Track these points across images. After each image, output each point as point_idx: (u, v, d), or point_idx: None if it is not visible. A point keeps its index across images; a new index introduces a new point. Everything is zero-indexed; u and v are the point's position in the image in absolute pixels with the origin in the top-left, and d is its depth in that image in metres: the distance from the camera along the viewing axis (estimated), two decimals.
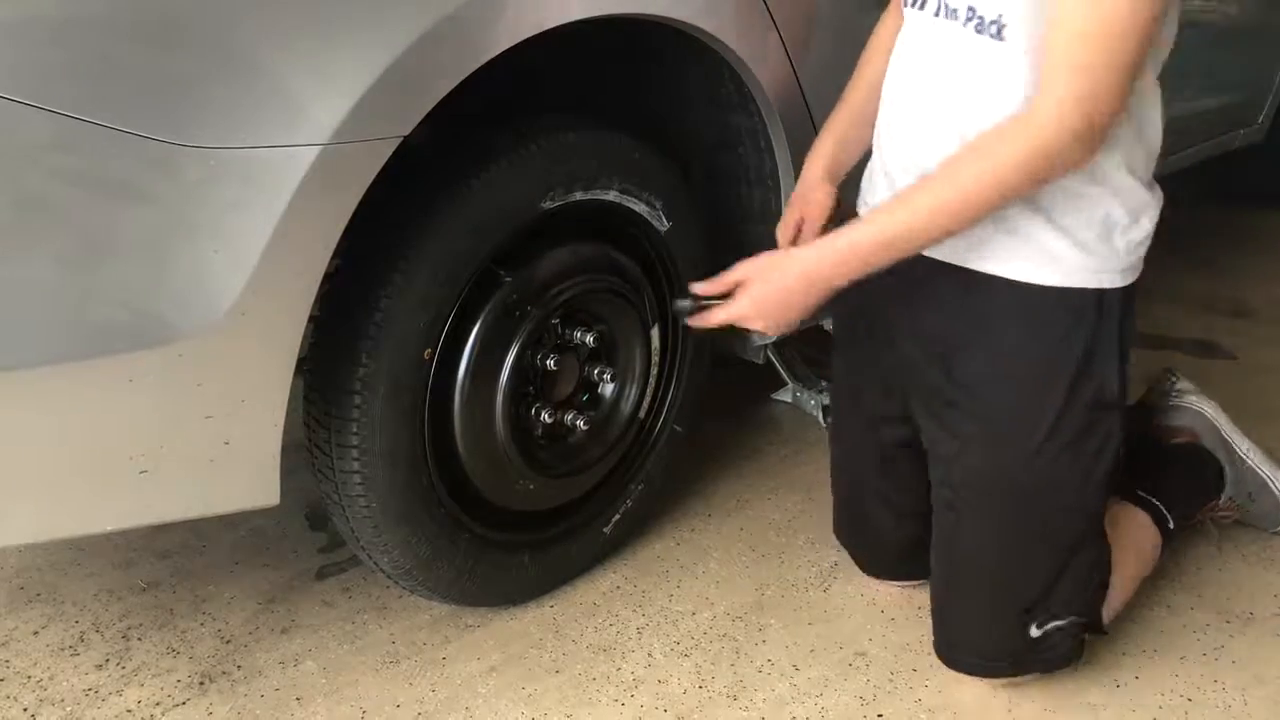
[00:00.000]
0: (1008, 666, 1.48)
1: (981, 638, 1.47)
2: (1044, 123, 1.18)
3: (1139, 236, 1.35)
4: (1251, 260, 3.17)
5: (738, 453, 2.09)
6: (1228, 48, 2.75)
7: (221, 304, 1.12)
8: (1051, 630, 1.45)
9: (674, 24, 1.44)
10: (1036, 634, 1.44)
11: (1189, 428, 1.83)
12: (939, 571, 1.50)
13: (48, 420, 1.11)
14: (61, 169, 1.03)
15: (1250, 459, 1.81)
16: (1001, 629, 1.45)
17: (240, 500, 1.27)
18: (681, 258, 1.67)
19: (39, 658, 1.54)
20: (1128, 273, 1.35)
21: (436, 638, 1.59)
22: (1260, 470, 1.81)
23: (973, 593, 1.47)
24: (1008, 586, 1.44)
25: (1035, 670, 1.48)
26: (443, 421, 1.46)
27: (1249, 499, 1.81)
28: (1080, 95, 1.17)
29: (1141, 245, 1.36)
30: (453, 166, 1.38)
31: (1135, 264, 1.36)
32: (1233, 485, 1.80)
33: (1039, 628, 1.44)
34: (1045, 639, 1.45)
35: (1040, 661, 1.47)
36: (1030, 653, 1.46)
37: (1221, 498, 1.80)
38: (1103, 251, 1.32)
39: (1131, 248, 1.34)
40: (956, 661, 1.50)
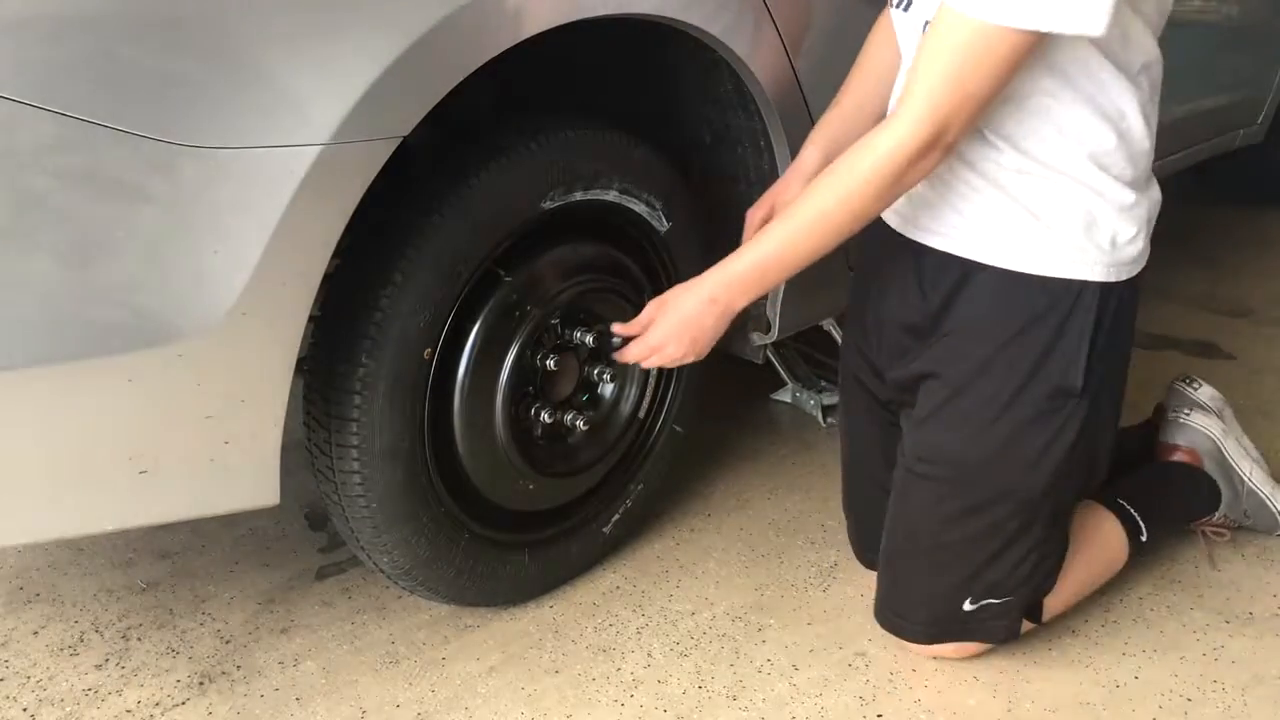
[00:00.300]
0: (938, 634, 1.52)
1: (915, 604, 1.53)
2: (898, 135, 1.23)
3: (1126, 235, 1.36)
4: (1251, 260, 3.17)
5: (737, 453, 2.09)
6: (1227, 48, 2.75)
7: (221, 304, 1.12)
8: (986, 606, 1.48)
9: (673, 24, 1.44)
10: (970, 608, 1.49)
11: (1190, 447, 1.82)
12: (886, 536, 1.54)
13: (47, 420, 1.11)
14: (61, 169, 1.03)
15: (1251, 480, 1.81)
16: (936, 598, 1.50)
17: (240, 500, 1.27)
18: (681, 257, 1.67)
19: (38, 658, 1.54)
20: (1114, 269, 1.36)
21: (436, 638, 1.59)
22: (1259, 491, 1.81)
23: (912, 559, 1.52)
24: (945, 558, 1.48)
25: (964, 640, 1.52)
26: (442, 421, 1.46)
27: (1245, 516, 1.82)
28: (929, 113, 1.22)
29: (1131, 244, 1.37)
30: (452, 166, 1.38)
31: (1123, 261, 1.37)
32: (1229, 506, 1.81)
33: (973, 602, 1.48)
34: (978, 613, 1.49)
35: (970, 633, 1.51)
36: (961, 624, 1.50)
37: (1215, 515, 1.81)
38: (1083, 244, 1.34)
39: (1117, 245, 1.36)
40: (889, 622, 1.56)
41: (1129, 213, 1.36)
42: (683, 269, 1.66)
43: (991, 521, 1.45)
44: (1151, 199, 1.40)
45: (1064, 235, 1.34)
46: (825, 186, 1.30)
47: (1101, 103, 1.29)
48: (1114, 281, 1.37)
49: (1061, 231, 1.34)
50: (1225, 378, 2.25)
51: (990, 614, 1.49)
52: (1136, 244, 1.38)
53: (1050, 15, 1.15)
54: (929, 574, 1.51)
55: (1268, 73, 2.97)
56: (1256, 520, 1.82)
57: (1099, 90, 1.29)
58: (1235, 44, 2.79)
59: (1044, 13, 1.15)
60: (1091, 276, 1.36)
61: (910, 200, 1.41)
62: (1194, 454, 1.81)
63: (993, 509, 1.44)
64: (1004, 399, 1.40)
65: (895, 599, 1.55)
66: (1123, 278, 1.38)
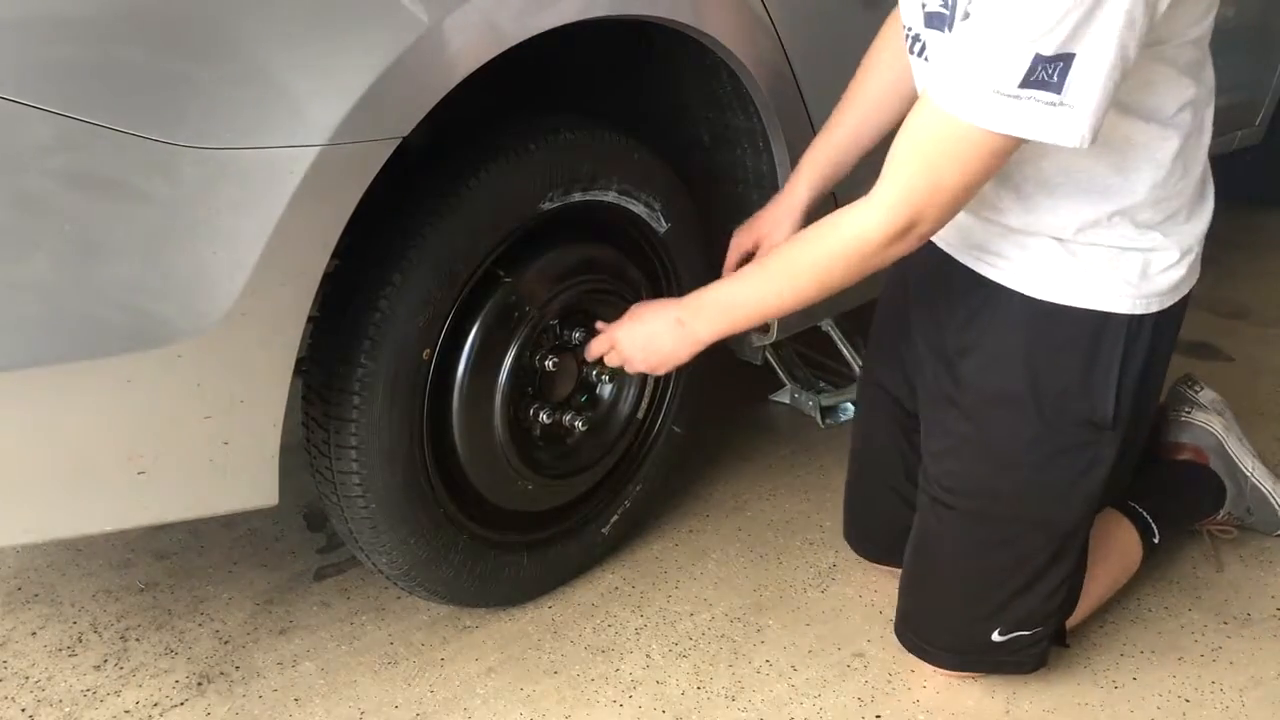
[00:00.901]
0: (964, 663, 1.51)
1: (941, 630, 1.51)
2: (869, 220, 1.21)
3: (1159, 266, 1.32)
4: (1249, 261, 3.17)
5: (736, 454, 2.09)
6: (1225, 49, 2.74)
7: (220, 304, 1.12)
8: (1015, 638, 1.46)
9: (672, 25, 1.44)
10: (999, 639, 1.46)
11: (1195, 446, 1.82)
12: (911, 561, 1.53)
13: (46, 420, 1.11)
14: (60, 169, 1.02)
15: (1254, 476, 1.81)
16: (964, 628, 1.48)
17: (239, 501, 1.27)
18: (680, 258, 1.67)
19: (37, 658, 1.54)
20: (1145, 300, 1.32)
21: (435, 639, 1.59)
22: (1261, 485, 1.81)
23: (938, 587, 1.50)
24: (975, 589, 1.46)
25: (990, 672, 1.51)
26: (441, 422, 1.46)
27: (1248, 513, 1.82)
28: (901, 205, 1.19)
29: (1165, 274, 1.32)
30: (452, 167, 1.38)
31: (1155, 292, 1.33)
32: (1233, 502, 1.80)
33: (1002, 634, 1.46)
34: (1008, 645, 1.47)
35: (998, 665, 1.50)
36: (990, 655, 1.48)
37: (1220, 513, 1.80)
38: (1111, 278, 1.31)
39: (1148, 276, 1.32)
40: (911, 644, 1.54)
41: (1163, 251, 1.32)
42: (682, 270, 1.66)
43: (1022, 553, 1.42)
44: (1195, 228, 1.34)
45: (1090, 267, 1.31)
46: (797, 254, 1.29)
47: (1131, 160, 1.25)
48: (1142, 314, 1.33)
49: (1087, 262, 1.31)
50: (1223, 379, 2.25)
51: (1021, 644, 1.47)
52: (1173, 273, 1.33)
53: (1028, 123, 1.09)
54: (956, 603, 1.48)
55: (1266, 74, 2.97)
56: (1259, 516, 1.83)
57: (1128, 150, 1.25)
58: (1233, 45, 2.78)
59: (1021, 120, 1.09)
60: (1119, 309, 1.32)
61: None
62: (1199, 452, 1.81)
63: (1024, 541, 1.42)
64: (1033, 432, 1.37)
65: (918, 622, 1.53)
66: (1154, 309, 1.33)
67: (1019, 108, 1.09)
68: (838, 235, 1.24)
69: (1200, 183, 1.34)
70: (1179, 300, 1.36)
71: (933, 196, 1.18)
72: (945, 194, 1.18)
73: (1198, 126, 1.29)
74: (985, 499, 1.42)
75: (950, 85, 1.12)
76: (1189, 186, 1.31)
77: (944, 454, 1.44)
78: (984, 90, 1.09)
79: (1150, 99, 1.22)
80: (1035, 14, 1.05)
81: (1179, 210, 1.31)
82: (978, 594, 1.46)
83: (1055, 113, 1.08)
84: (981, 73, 1.09)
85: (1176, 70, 1.22)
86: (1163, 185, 1.28)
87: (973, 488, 1.42)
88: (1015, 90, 1.08)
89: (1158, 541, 1.66)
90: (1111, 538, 1.61)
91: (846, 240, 1.23)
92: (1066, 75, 1.06)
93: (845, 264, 1.24)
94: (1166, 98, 1.23)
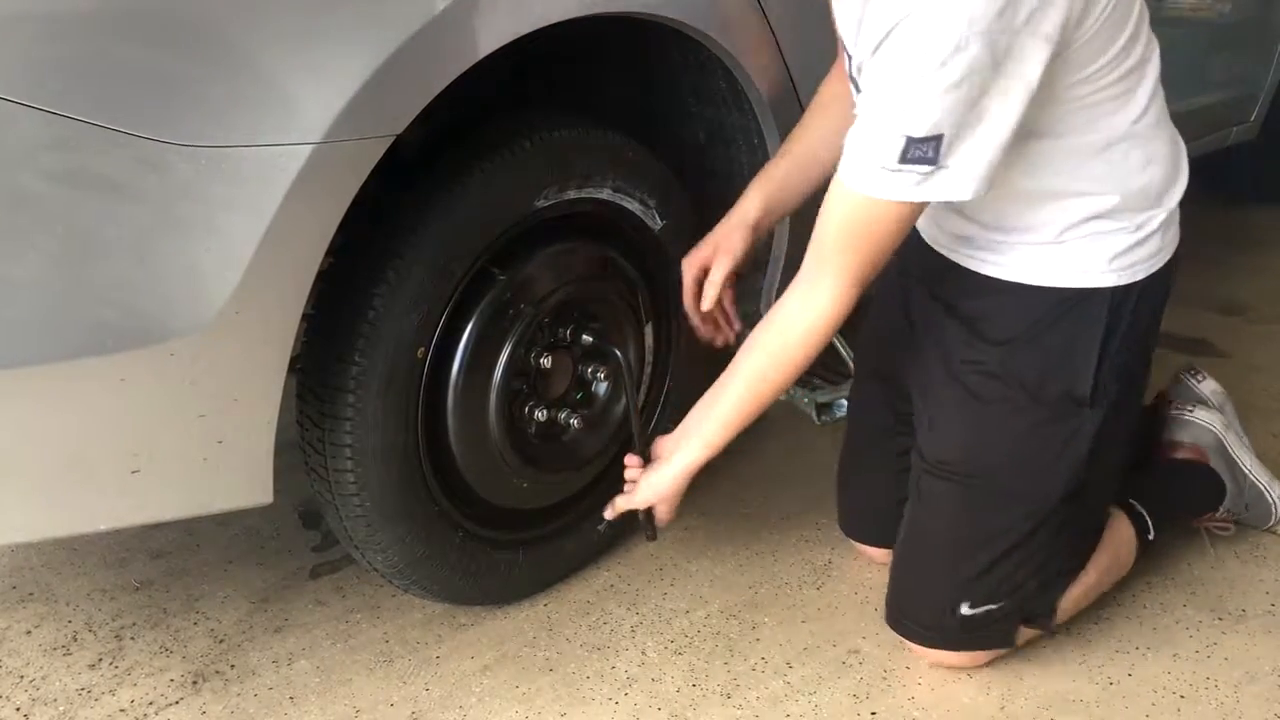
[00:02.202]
0: (938, 639, 1.52)
1: (918, 605, 1.54)
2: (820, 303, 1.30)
3: (1136, 240, 1.37)
4: (1242, 257, 3.18)
5: (731, 451, 2.07)
6: (1219, 45, 2.75)
7: (214, 302, 1.11)
8: (985, 613, 1.48)
9: (667, 22, 1.44)
10: (968, 613, 1.48)
11: (1195, 445, 1.81)
12: (902, 538, 1.56)
13: (40, 419, 1.11)
14: (52, 168, 1.02)
15: (1251, 473, 1.81)
16: (936, 601, 1.51)
17: (233, 499, 1.27)
18: (675, 255, 1.66)
19: (32, 657, 1.54)
20: (1128, 272, 1.38)
21: (430, 636, 1.59)
22: (1258, 482, 1.81)
23: (916, 561, 1.54)
24: (953, 557, 1.49)
25: (965, 649, 1.52)
26: (436, 420, 1.46)
27: (1245, 509, 1.82)
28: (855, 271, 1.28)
29: (1142, 246, 1.38)
30: (446, 164, 1.38)
31: (1136, 263, 1.38)
32: (1232, 499, 1.80)
33: (972, 607, 1.48)
34: (977, 620, 1.49)
35: (968, 641, 1.51)
36: (960, 630, 1.50)
37: (1219, 510, 1.79)
38: (1094, 257, 1.37)
39: (1129, 250, 1.37)
40: (893, 621, 1.56)
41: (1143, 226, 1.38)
42: (676, 266, 1.66)
43: (1001, 524, 1.45)
44: (1172, 198, 1.40)
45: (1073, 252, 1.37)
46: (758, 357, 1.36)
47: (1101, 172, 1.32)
48: (1126, 284, 1.38)
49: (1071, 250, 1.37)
50: (1218, 375, 2.24)
51: (990, 619, 1.49)
52: (1153, 240, 1.39)
53: (915, 191, 1.19)
54: (935, 573, 1.51)
55: (1260, 70, 2.97)
56: (1253, 512, 1.82)
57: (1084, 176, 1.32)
58: (1228, 41, 2.79)
59: (908, 189, 1.19)
60: (1103, 283, 1.38)
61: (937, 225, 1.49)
62: (1200, 451, 1.80)
63: (1004, 512, 1.45)
64: (1015, 404, 1.41)
65: (901, 597, 1.55)
66: (1140, 277, 1.39)
67: (903, 179, 1.19)
68: (795, 326, 1.33)
69: (1170, 160, 1.39)
70: (1165, 264, 1.42)
71: (867, 263, 1.28)
72: (876, 257, 1.28)
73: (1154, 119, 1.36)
74: (969, 467, 1.46)
75: (848, 163, 1.23)
76: (1159, 170, 1.37)
77: (934, 424, 1.49)
78: (871, 166, 1.20)
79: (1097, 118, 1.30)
80: (904, 104, 1.16)
81: (1154, 187, 1.37)
82: (954, 563, 1.49)
83: (938, 176, 1.18)
84: (867, 151, 1.21)
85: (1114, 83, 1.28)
86: (1134, 185, 1.35)
87: (957, 456, 1.47)
88: (896, 165, 1.18)
89: (1152, 539, 1.67)
90: (1108, 531, 1.62)
91: (807, 327, 1.32)
92: (939, 149, 1.16)
93: (809, 347, 1.33)
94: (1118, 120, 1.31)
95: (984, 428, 1.45)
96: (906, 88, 1.15)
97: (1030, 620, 1.52)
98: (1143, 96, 1.32)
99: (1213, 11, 2.68)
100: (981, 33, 1.11)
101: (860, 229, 1.26)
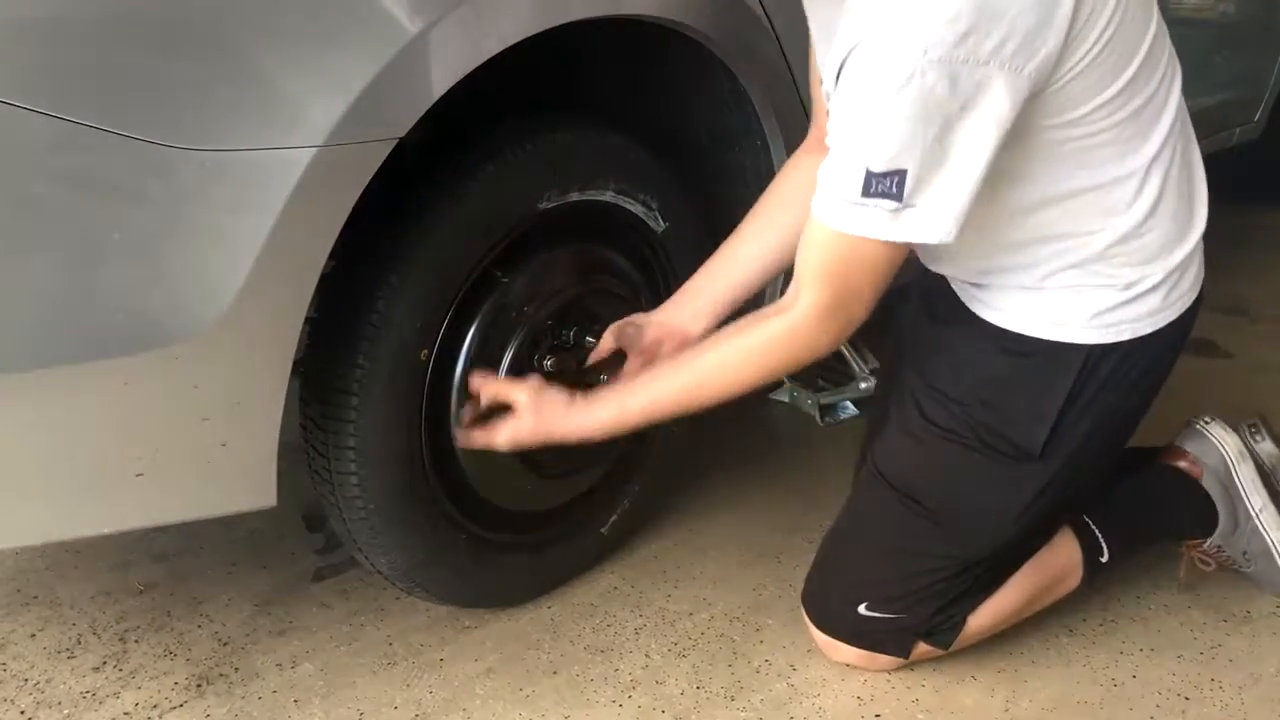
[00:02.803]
0: (833, 627, 1.53)
1: (826, 589, 1.54)
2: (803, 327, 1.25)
3: (1126, 298, 1.31)
4: (1247, 257, 3.18)
5: (735, 453, 2.09)
6: (1223, 45, 2.75)
7: (218, 306, 1.11)
8: (881, 619, 1.48)
9: (670, 24, 1.44)
10: (865, 613, 1.49)
11: (1197, 458, 1.67)
12: (836, 519, 1.57)
13: (44, 423, 1.11)
14: (56, 171, 1.02)
15: (1259, 518, 1.64)
16: (840, 590, 1.52)
17: (237, 502, 1.27)
18: (678, 258, 1.67)
19: (36, 660, 1.54)
20: (1112, 330, 1.32)
21: (434, 639, 1.59)
22: (1268, 535, 1.64)
23: (835, 546, 1.55)
24: (859, 558, 1.51)
25: (857, 646, 1.51)
26: (440, 423, 1.46)
27: (1244, 557, 1.66)
28: (830, 304, 1.23)
29: (1131, 306, 1.32)
30: (449, 167, 1.38)
31: (1122, 323, 1.32)
32: (1225, 537, 1.65)
33: (869, 609, 1.48)
34: (872, 622, 1.49)
35: (859, 639, 1.51)
36: (852, 625, 1.50)
37: (1207, 543, 1.66)
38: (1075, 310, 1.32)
39: (1114, 308, 1.32)
40: (803, 600, 1.57)
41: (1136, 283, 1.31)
42: (679, 269, 1.66)
43: (918, 545, 1.45)
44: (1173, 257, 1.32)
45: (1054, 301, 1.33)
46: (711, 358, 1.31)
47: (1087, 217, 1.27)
48: (1108, 344, 1.32)
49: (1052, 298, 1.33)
50: (1223, 375, 2.25)
51: (882, 626, 1.48)
52: (1147, 300, 1.32)
53: (883, 228, 1.14)
54: (846, 564, 1.52)
55: (1264, 70, 2.97)
56: (1258, 569, 1.66)
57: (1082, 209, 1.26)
58: (1231, 41, 2.79)
59: (876, 225, 1.14)
60: (1079, 339, 1.32)
61: None
62: (1196, 464, 1.67)
63: (926, 539, 1.44)
64: (963, 442, 1.39)
65: (816, 577, 1.56)
66: (1125, 337, 1.32)
67: (870, 215, 1.14)
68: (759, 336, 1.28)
69: (1175, 214, 1.31)
70: (1160, 327, 1.34)
71: (846, 299, 1.23)
72: (856, 293, 1.22)
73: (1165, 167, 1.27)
74: (907, 488, 1.45)
75: (819, 195, 1.18)
76: (1160, 223, 1.29)
77: (891, 432, 1.48)
78: (838, 199, 1.15)
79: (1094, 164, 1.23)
80: (861, 134, 1.11)
81: (1152, 245, 1.30)
82: (865, 563, 1.49)
83: (906, 215, 1.13)
84: (832, 184, 1.16)
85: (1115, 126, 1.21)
86: (1128, 233, 1.28)
87: (895, 472, 1.46)
88: (859, 199, 1.13)
89: (1106, 560, 1.57)
90: (1049, 551, 1.53)
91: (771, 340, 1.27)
92: (902, 186, 1.11)
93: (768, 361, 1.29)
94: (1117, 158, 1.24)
95: (929, 455, 1.43)
96: (861, 117, 1.11)
97: (929, 638, 1.49)
98: (1154, 140, 1.25)
99: (1216, 12, 2.68)
100: (937, 61, 1.04)
101: (836, 265, 1.21)
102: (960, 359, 1.41)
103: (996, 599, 1.50)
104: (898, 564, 1.46)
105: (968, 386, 1.39)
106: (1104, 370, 1.34)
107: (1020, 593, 1.52)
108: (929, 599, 1.46)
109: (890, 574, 1.47)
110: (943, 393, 1.41)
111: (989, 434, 1.38)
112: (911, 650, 1.50)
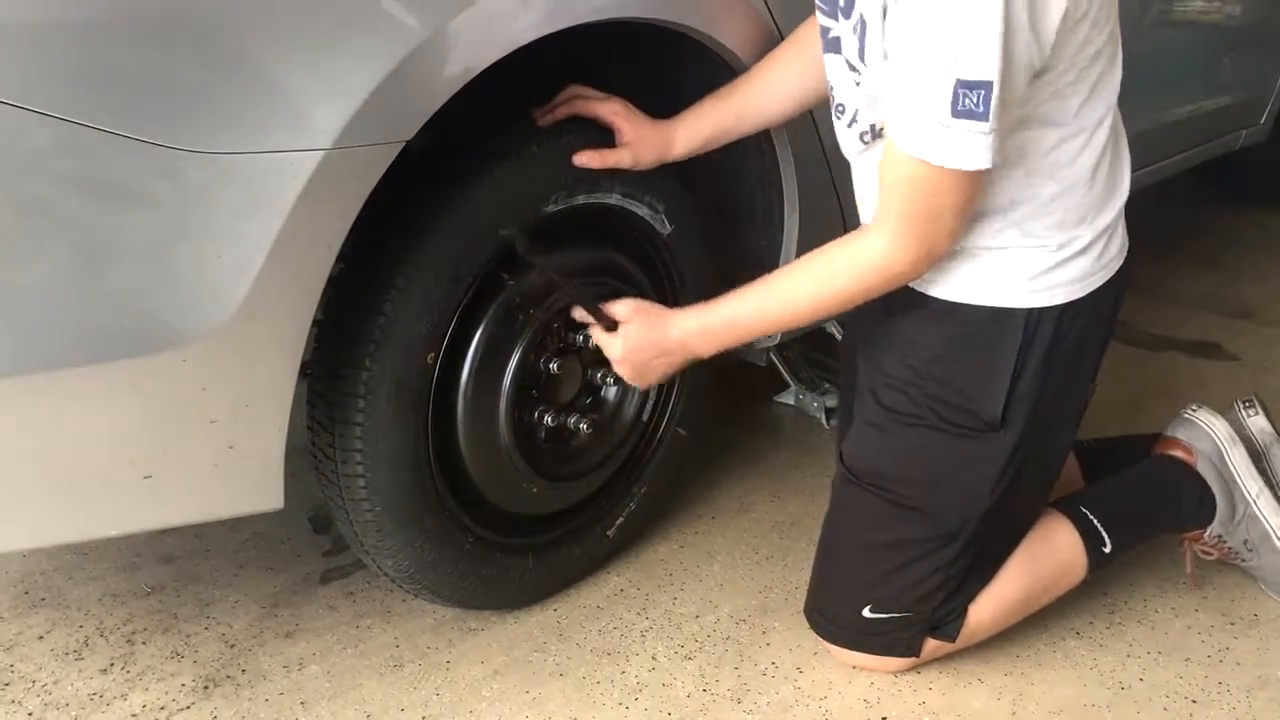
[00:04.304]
0: (842, 637, 1.53)
1: (827, 601, 1.54)
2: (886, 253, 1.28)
3: (1058, 260, 1.34)
4: (1254, 260, 3.17)
5: (741, 455, 2.09)
6: (1229, 47, 2.75)
7: (225, 309, 1.12)
8: (887, 619, 1.48)
9: (676, 28, 1.44)
10: (870, 616, 1.48)
11: (1189, 444, 1.67)
12: (822, 530, 1.57)
13: (52, 425, 1.11)
14: (65, 174, 1.03)
15: (1257, 505, 1.62)
16: (842, 599, 1.52)
17: (244, 504, 1.27)
18: (683, 260, 1.67)
19: (44, 662, 1.54)
20: (1046, 293, 1.35)
21: (440, 641, 1.59)
22: (1267, 521, 1.62)
23: (827, 557, 1.55)
24: (852, 563, 1.50)
25: (868, 651, 1.51)
26: (446, 425, 1.46)
27: (1245, 546, 1.65)
28: (910, 236, 1.26)
29: (1064, 268, 1.35)
30: (455, 170, 1.38)
31: (1056, 285, 1.35)
32: (1225, 525, 1.64)
33: (873, 611, 1.48)
34: (879, 625, 1.49)
35: (868, 644, 1.51)
36: (860, 632, 1.50)
37: (1207, 533, 1.65)
38: (1009, 275, 1.35)
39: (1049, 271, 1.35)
40: (807, 615, 1.57)
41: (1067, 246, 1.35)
42: (685, 271, 1.66)
43: (904, 535, 1.46)
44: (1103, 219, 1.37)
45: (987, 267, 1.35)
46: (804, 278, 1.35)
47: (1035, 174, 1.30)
48: (1044, 307, 1.36)
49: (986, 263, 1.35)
50: (1229, 378, 2.25)
51: (890, 627, 1.48)
52: (1079, 262, 1.36)
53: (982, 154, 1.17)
54: (842, 572, 1.52)
55: (1271, 72, 2.96)
56: (1261, 559, 1.64)
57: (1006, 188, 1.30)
58: (1238, 43, 2.78)
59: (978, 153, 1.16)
60: (1017, 304, 1.35)
61: None
62: (1189, 451, 1.66)
63: (905, 524, 1.45)
64: (926, 422, 1.41)
65: (814, 593, 1.56)
66: (1059, 300, 1.36)
67: (955, 139, 1.16)
68: (843, 259, 1.32)
69: (1108, 177, 1.36)
70: (1093, 290, 1.38)
71: (935, 226, 1.26)
72: (945, 220, 1.25)
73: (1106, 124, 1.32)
74: (878, 480, 1.46)
75: (900, 125, 1.20)
76: (1097, 183, 1.34)
77: (852, 431, 1.50)
78: (926, 121, 1.17)
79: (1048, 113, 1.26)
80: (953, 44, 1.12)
81: (1086, 204, 1.34)
82: (859, 566, 1.49)
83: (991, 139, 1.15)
84: (916, 106, 1.17)
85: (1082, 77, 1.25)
86: (1071, 186, 1.32)
87: (865, 467, 1.47)
88: (949, 120, 1.15)
89: (1109, 551, 1.55)
90: (1047, 543, 1.54)
91: (855, 263, 1.31)
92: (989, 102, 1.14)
93: (852, 284, 1.32)
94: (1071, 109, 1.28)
95: (895, 442, 1.44)
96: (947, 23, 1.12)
97: (935, 631, 1.49)
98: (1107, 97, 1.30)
99: (1222, 15, 2.67)
100: None
101: (925, 193, 1.23)
102: (908, 341, 1.42)
103: (997, 588, 1.50)
104: (888, 559, 1.46)
105: (919, 367, 1.41)
106: (1046, 334, 1.37)
107: (1021, 583, 1.52)
108: (928, 591, 1.46)
109: (884, 571, 1.47)
110: (897, 378, 1.43)
111: (948, 410, 1.40)
112: (922, 648, 1.50)
